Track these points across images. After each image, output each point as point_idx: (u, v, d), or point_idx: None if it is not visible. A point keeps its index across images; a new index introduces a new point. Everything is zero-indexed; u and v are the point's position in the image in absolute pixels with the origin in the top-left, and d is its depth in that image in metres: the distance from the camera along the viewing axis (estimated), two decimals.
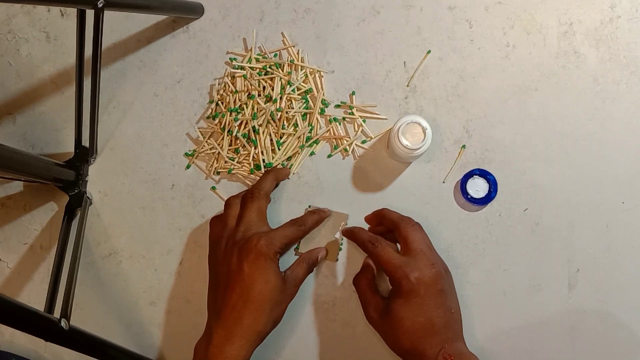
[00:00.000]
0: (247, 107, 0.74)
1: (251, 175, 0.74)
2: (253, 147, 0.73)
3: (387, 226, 0.69)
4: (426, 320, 0.61)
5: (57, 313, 0.63)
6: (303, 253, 0.71)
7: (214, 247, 0.69)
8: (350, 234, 0.71)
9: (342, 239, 0.73)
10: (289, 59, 0.75)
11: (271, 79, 0.74)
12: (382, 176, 0.73)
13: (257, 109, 0.74)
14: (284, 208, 0.74)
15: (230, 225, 0.68)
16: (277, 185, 0.73)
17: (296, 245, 0.73)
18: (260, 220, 0.68)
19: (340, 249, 0.73)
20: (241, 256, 0.64)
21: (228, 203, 0.70)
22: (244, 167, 0.74)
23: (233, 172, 0.74)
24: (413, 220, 0.67)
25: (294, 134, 0.73)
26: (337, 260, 0.72)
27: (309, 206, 0.73)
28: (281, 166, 0.73)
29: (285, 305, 0.66)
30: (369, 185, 0.73)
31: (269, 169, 0.73)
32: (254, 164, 0.74)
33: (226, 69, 0.76)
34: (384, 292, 0.70)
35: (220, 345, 0.62)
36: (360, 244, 0.68)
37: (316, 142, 0.74)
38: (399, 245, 0.68)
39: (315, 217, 0.71)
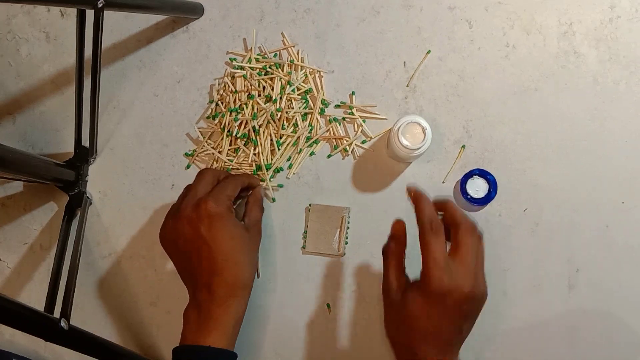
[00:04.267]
0: (247, 107, 0.74)
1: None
2: (253, 148, 0.73)
3: (446, 220, 0.62)
4: (435, 330, 0.59)
5: (57, 313, 0.63)
6: (250, 196, 0.71)
7: (163, 229, 0.68)
8: (418, 200, 0.62)
9: (348, 233, 0.72)
10: (289, 59, 0.75)
11: (271, 79, 0.74)
12: (382, 176, 0.73)
13: (257, 109, 0.74)
14: (284, 208, 0.74)
15: (177, 206, 0.67)
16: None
17: (302, 244, 0.73)
18: (203, 187, 0.67)
19: (347, 243, 0.72)
20: (196, 225, 0.64)
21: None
22: (243, 168, 0.74)
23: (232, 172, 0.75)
24: (477, 228, 0.61)
25: (294, 135, 0.73)
26: (344, 254, 0.72)
27: (309, 205, 0.73)
28: (266, 169, 0.73)
29: (256, 248, 0.69)
30: (369, 185, 0.73)
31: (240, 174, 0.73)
32: (254, 165, 0.74)
33: (226, 69, 0.76)
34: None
35: (210, 310, 0.63)
36: (420, 219, 0.61)
37: (316, 142, 0.74)
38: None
39: (247, 174, 0.73)
